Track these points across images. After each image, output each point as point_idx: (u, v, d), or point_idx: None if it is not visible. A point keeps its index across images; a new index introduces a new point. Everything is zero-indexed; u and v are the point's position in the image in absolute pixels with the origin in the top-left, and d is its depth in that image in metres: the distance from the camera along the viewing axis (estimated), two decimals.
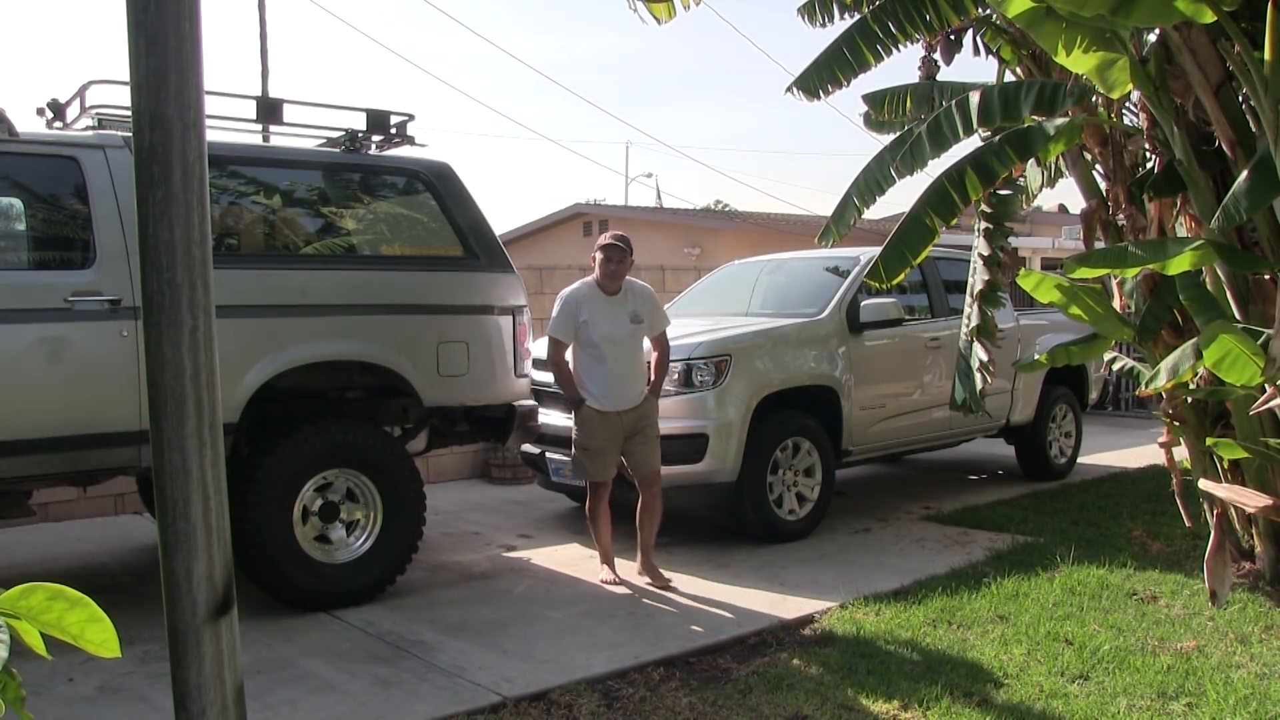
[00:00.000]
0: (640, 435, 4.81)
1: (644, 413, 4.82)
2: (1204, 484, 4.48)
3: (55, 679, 3.63)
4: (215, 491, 1.38)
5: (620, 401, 4.75)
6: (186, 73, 1.34)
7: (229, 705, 1.39)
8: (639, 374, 4.84)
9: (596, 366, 4.74)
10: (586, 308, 4.73)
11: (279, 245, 4.87)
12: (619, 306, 4.77)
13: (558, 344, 4.80)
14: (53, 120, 4.68)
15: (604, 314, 4.73)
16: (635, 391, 4.80)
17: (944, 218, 4.77)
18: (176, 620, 1.36)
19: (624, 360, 4.75)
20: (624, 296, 4.79)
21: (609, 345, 4.71)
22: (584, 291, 4.78)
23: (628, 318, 4.76)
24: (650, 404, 4.86)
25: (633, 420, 4.78)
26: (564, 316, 4.75)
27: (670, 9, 5.39)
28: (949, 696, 3.42)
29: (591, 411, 4.76)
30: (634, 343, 4.80)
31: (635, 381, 4.81)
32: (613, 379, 4.73)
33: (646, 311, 4.83)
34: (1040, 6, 3.78)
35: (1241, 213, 3.70)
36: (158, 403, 1.35)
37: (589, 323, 4.72)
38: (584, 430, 4.79)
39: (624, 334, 4.75)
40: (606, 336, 4.70)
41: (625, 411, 4.76)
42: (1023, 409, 7.41)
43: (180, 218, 1.34)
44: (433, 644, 4.04)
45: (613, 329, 4.72)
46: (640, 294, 4.85)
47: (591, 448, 4.79)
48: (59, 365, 3.99)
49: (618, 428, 4.77)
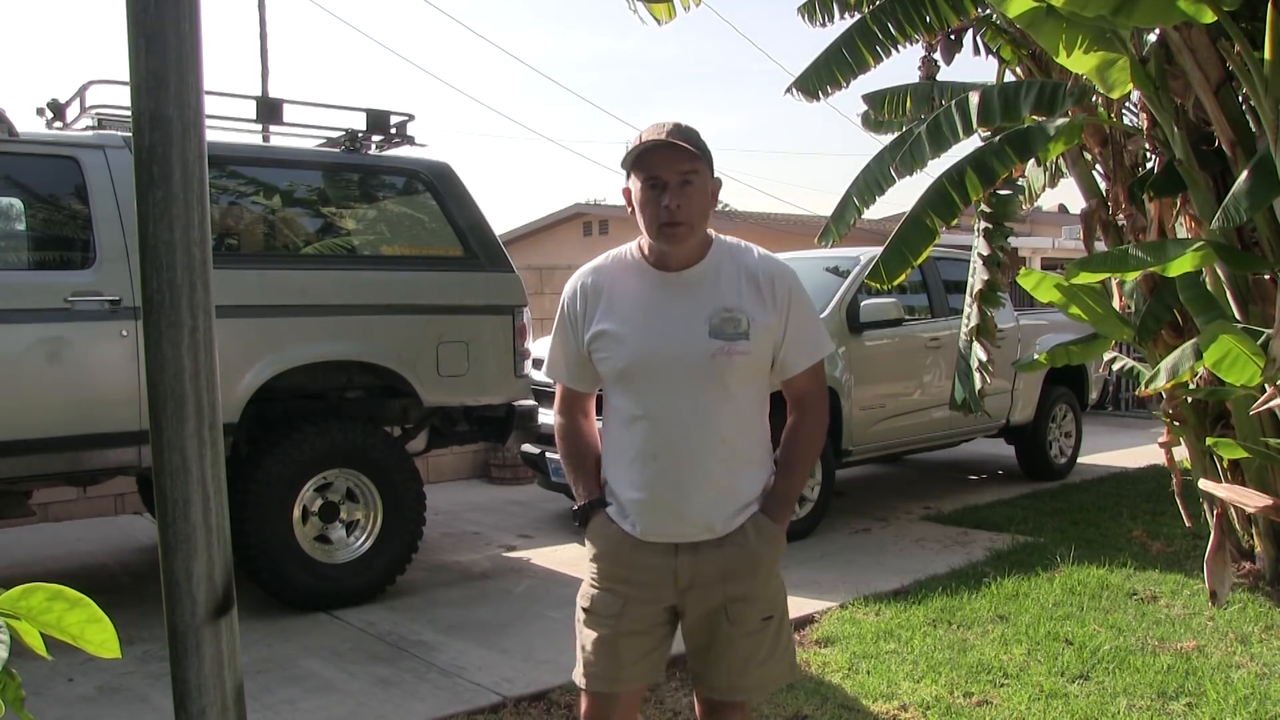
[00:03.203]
0: (722, 616, 2.05)
1: (736, 563, 2.03)
2: (1204, 484, 4.48)
3: (55, 679, 3.63)
4: (215, 491, 1.38)
5: (669, 522, 2.03)
6: (186, 73, 1.34)
7: (229, 705, 1.39)
8: (730, 462, 2.04)
9: (624, 431, 2.06)
10: (609, 299, 2.07)
11: (279, 245, 4.87)
12: (686, 294, 2.03)
13: (560, 391, 2.21)
14: (53, 120, 4.68)
15: (647, 309, 2.04)
16: (715, 502, 2.03)
17: (944, 218, 4.77)
18: (176, 620, 1.36)
19: (690, 419, 2.00)
20: (705, 273, 2.04)
21: (653, 381, 2.01)
22: (609, 269, 2.11)
23: (706, 319, 2.00)
24: (757, 543, 2.04)
25: (709, 576, 2.03)
26: (561, 330, 2.15)
27: (670, 10, 5.39)
28: (949, 696, 3.42)
29: (609, 530, 2.09)
30: (718, 378, 2.00)
31: (718, 478, 2.03)
32: (661, 463, 2.01)
33: (764, 309, 2.03)
34: (1040, 6, 3.78)
35: (1241, 213, 3.70)
36: (158, 403, 1.35)
37: (610, 333, 2.04)
38: (592, 572, 2.14)
39: (693, 355, 1.99)
40: (647, 358, 2.01)
41: (687, 550, 2.03)
42: (1023, 409, 7.41)
43: (180, 218, 1.34)
44: (433, 644, 4.04)
45: (664, 342, 2.00)
46: (750, 271, 2.05)
47: (596, 613, 2.12)
48: (59, 365, 3.99)
49: (665, 581, 2.05)
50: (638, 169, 1.99)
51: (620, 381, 2.05)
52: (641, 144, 1.97)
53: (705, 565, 2.02)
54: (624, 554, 2.07)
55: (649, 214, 1.97)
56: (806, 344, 2.09)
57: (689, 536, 2.03)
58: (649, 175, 1.96)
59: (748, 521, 2.05)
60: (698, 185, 1.97)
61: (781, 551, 2.10)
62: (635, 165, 1.99)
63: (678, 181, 1.95)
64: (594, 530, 2.12)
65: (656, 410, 2.01)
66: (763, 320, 2.01)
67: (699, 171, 1.97)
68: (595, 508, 2.12)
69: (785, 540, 2.12)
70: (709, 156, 2.01)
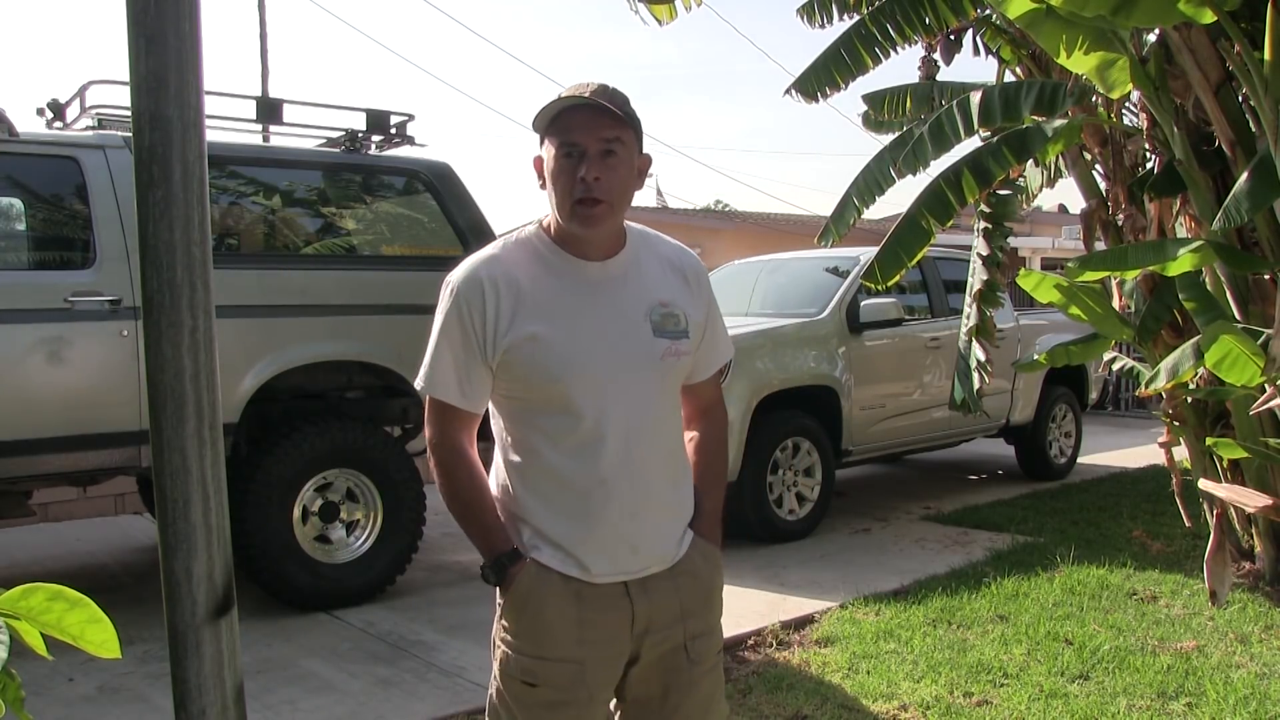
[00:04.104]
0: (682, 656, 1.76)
1: (691, 597, 1.76)
2: (1204, 484, 4.48)
3: (55, 679, 3.63)
4: (215, 491, 1.38)
5: (623, 556, 1.70)
6: (186, 73, 1.33)
7: (229, 705, 1.39)
8: (677, 478, 1.79)
9: (556, 456, 1.69)
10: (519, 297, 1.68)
11: (279, 245, 4.88)
12: (616, 288, 1.73)
13: (443, 413, 1.78)
14: (53, 120, 4.68)
15: (575, 306, 1.69)
16: (668, 525, 1.76)
17: (940, 219, 4.77)
18: (176, 620, 1.36)
19: (642, 432, 1.70)
20: (628, 263, 1.75)
21: (595, 392, 1.66)
22: (512, 259, 1.72)
23: (645, 315, 1.71)
24: (707, 571, 1.81)
25: (667, 615, 1.73)
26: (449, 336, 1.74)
27: (671, 10, 5.39)
28: (949, 696, 3.42)
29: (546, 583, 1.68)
30: (666, 383, 1.74)
31: (669, 497, 1.77)
32: (612, 487, 1.67)
33: (694, 304, 1.79)
34: (1040, 7, 3.78)
35: (1242, 213, 3.70)
36: (158, 403, 1.35)
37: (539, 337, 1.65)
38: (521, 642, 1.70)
39: (641, 357, 1.70)
40: (587, 365, 1.66)
41: (636, 587, 1.71)
42: (1023, 409, 7.41)
43: (180, 218, 1.34)
44: (433, 644, 4.04)
45: (605, 344, 1.68)
46: (672, 262, 1.81)
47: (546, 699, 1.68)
48: (59, 365, 3.99)
49: (623, 630, 1.70)
50: (552, 133, 1.64)
51: (549, 397, 1.65)
52: (559, 102, 1.62)
53: (660, 602, 1.71)
54: (569, 608, 1.66)
55: (561, 186, 1.63)
56: (721, 345, 1.86)
57: (641, 570, 1.70)
58: (565, 141, 1.62)
59: (691, 548, 1.77)
60: (622, 157, 1.63)
61: (720, 578, 1.83)
62: (550, 128, 1.64)
63: (599, 150, 1.61)
64: (524, 588, 1.67)
65: (604, 426, 1.65)
66: (695, 317, 1.76)
67: (624, 142, 1.63)
68: (516, 559, 1.69)
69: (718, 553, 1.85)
70: (638, 125, 1.67)
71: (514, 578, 1.69)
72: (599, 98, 1.61)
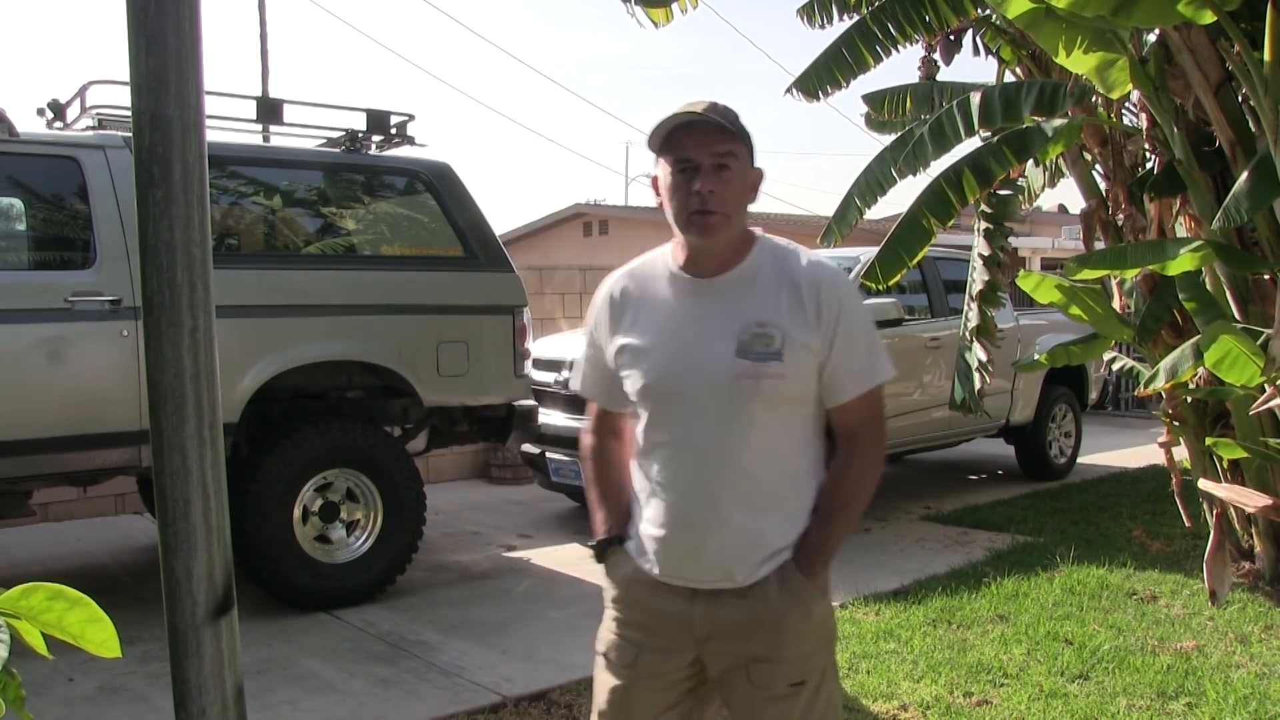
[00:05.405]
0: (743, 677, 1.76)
1: (757, 620, 1.74)
2: (1204, 484, 4.48)
3: (55, 679, 3.63)
4: (215, 491, 1.38)
5: (685, 563, 1.77)
6: (186, 73, 1.34)
7: (229, 705, 1.39)
8: (754, 500, 1.74)
9: (644, 458, 1.83)
10: (636, 309, 1.82)
11: (279, 245, 4.88)
12: (716, 304, 1.75)
13: (586, 405, 2.01)
14: (53, 120, 4.68)
15: (671, 321, 1.78)
16: (734, 546, 1.74)
17: (940, 219, 4.78)
18: (176, 620, 1.36)
19: (708, 448, 1.73)
20: (741, 279, 1.76)
21: (670, 404, 1.76)
22: (640, 275, 1.85)
23: (734, 334, 1.70)
24: (780, 599, 1.74)
25: (730, 630, 1.75)
26: (589, 343, 1.92)
27: (668, 13, 5.39)
28: (949, 696, 3.42)
29: (625, 568, 1.85)
30: (742, 404, 1.70)
31: (738, 518, 1.73)
32: (674, 495, 1.76)
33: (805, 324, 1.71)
34: (1040, 7, 3.78)
35: (1242, 213, 3.70)
36: (158, 403, 1.35)
37: (631, 348, 1.79)
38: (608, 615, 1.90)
39: (714, 376, 1.70)
40: (664, 378, 1.75)
41: (705, 597, 1.76)
42: (1022, 409, 7.41)
43: (180, 218, 1.34)
44: (433, 644, 4.04)
45: (682, 360, 1.74)
46: (793, 280, 1.74)
47: (610, 659, 1.86)
48: (59, 365, 3.99)
49: (682, 630, 1.78)
50: (666, 151, 1.71)
51: (641, 403, 1.78)
52: (671, 120, 1.68)
53: (725, 617, 1.74)
54: (639, 596, 1.82)
55: (678, 201, 1.69)
56: (857, 367, 1.74)
57: (707, 582, 1.74)
58: (679, 157, 1.68)
59: (773, 572, 1.73)
60: (735, 170, 1.69)
61: (816, 610, 1.77)
62: (664, 147, 1.71)
63: (712, 164, 1.67)
64: (610, 568, 1.88)
65: (674, 436, 1.74)
66: (801, 338, 1.68)
67: (736, 155, 1.69)
68: (611, 544, 1.87)
69: (824, 597, 1.81)
70: (749, 140, 1.73)
71: (605, 558, 1.89)
72: (710, 113, 1.67)
